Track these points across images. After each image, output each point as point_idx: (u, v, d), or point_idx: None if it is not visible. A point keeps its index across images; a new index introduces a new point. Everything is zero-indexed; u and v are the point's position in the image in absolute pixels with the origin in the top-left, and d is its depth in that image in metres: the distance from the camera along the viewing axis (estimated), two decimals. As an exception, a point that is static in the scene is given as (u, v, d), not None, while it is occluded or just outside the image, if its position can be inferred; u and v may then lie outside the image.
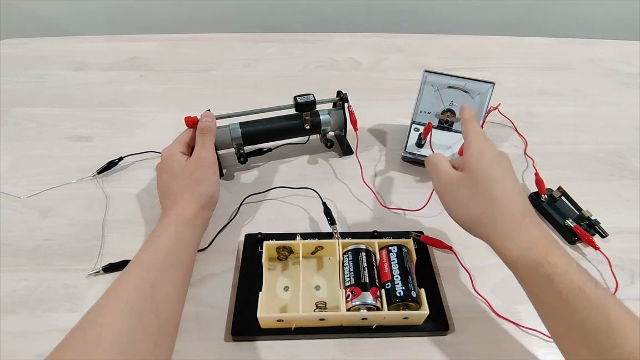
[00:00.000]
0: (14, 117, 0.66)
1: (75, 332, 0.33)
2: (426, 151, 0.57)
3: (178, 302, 0.39)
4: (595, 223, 0.50)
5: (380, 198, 0.55)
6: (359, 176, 0.57)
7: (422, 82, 0.59)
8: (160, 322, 0.35)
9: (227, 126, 0.55)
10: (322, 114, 0.57)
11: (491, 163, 0.39)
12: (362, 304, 0.39)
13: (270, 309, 0.42)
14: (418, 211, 0.53)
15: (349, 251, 0.44)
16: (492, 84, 0.57)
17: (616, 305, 0.31)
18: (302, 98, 0.54)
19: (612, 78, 0.80)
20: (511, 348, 0.41)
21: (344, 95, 0.57)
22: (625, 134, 0.67)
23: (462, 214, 0.39)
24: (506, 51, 0.86)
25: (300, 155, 0.61)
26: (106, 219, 0.51)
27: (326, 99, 0.57)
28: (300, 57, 0.81)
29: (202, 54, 0.82)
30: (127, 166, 0.58)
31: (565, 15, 1.02)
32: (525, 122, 0.67)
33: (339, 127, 0.59)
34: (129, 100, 0.70)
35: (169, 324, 0.37)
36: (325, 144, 0.60)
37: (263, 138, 0.57)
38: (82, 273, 0.45)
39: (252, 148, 0.58)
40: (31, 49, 0.82)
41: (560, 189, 0.53)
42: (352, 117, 0.57)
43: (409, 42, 0.87)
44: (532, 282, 0.34)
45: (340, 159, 0.61)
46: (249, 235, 0.49)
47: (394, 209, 0.54)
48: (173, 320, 0.38)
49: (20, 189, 0.54)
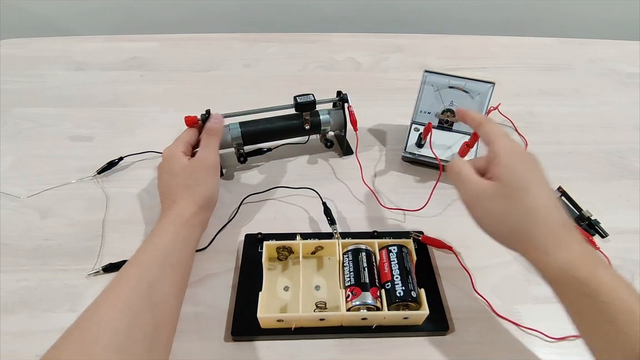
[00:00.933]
0: (14, 117, 0.66)
1: (72, 330, 0.33)
2: (426, 151, 0.57)
3: (176, 302, 0.39)
4: (595, 223, 0.51)
5: (380, 198, 0.55)
6: (359, 176, 0.57)
7: (422, 82, 0.59)
8: (157, 322, 0.35)
9: (227, 126, 0.55)
10: (322, 114, 0.57)
11: (525, 172, 0.36)
12: (362, 304, 0.40)
13: (270, 309, 0.42)
14: (418, 211, 0.53)
15: (349, 251, 0.44)
16: (492, 84, 0.57)
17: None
18: (302, 98, 0.54)
19: (612, 78, 0.80)
20: (511, 348, 0.41)
21: (344, 95, 0.57)
22: (625, 134, 0.67)
23: (496, 228, 0.37)
24: (506, 51, 0.86)
25: (300, 155, 0.61)
26: (106, 219, 0.51)
27: (326, 99, 0.57)
28: (300, 57, 0.81)
29: (202, 54, 0.82)
30: (127, 166, 0.58)
31: (565, 15, 1.02)
32: (525, 122, 0.67)
33: (339, 127, 0.59)
34: (129, 100, 0.70)
35: (166, 324, 0.37)
36: (325, 144, 0.60)
37: (263, 138, 0.57)
38: (82, 273, 0.45)
39: (252, 148, 0.58)
40: (31, 49, 0.82)
41: (560, 189, 0.53)
42: (352, 117, 0.57)
43: (409, 42, 0.87)
44: (575, 301, 0.33)
45: (340, 159, 0.61)
46: (249, 235, 0.49)
47: (394, 209, 0.54)
48: (170, 321, 0.38)
49: (20, 189, 0.54)
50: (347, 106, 0.57)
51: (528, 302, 0.44)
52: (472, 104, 0.58)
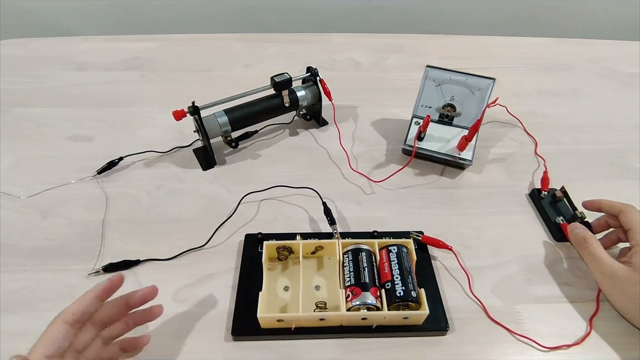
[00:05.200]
0: (14, 117, 0.66)
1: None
2: (426, 144, 0.57)
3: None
4: (588, 224, 0.50)
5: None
6: (360, 176, 0.57)
7: (424, 77, 0.60)
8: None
9: (213, 114, 0.56)
10: (298, 91, 0.61)
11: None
12: (362, 304, 0.39)
13: (270, 309, 0.42)
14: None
15: (349, 251, 0.44)
16: (493, 80, 0.57)
17: None
18: (279, 77, 0.58)
19: (612, 78, 0.80)
20: (511, 348, 0.41)
21: (315, 70, 0.61)
22: (625, 134, 0.67)
23: (632, 309, 0.41)
24: (506, 51, 0.86)
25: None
26: (106, 219, 0.51)
27: (299, 76, 0.61)
28: (300, 57, 0.81)
29: (202, 54, 0.82)
30: (127, 166, 0.58)
31: (565, 15, 1.02)
32: (525, 122, 0.67)
33: (315, 100, 0.63)
34: (129, 100, 0.70)
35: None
36: (305, 118, 0.67)
37: (249, 120, 0.60)
38: (82, 273, 0.45)
39: (239, 133, 0.61)
40: (31, 49, 0.82)
41: (562, 189, 0.53)
42: (325, 89, 0.62)
43: (409, 42, 0.87)
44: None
45: (337, 148, 0.62)
46: (249, 235, 0.49)
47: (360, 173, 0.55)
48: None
49: (20, 189, 0.54)
50: (319, 79, 0.61)
51: (528, 302, 0.44)
52: (472, 100, 0.58)
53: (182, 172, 0.58)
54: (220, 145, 0.61)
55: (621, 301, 0.42)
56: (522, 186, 0.57)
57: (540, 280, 0.46)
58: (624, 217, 0.45)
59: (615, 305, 0.43)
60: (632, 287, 0.40)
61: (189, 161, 0.59)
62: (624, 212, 0.45)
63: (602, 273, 0.42)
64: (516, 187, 0.57)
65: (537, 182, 0.57)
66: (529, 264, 0.48)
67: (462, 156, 0.56)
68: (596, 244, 0.44)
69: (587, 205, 0.49)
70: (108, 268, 0.46)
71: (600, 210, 0.48)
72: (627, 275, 0.40)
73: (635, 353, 0.40)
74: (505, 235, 0.51)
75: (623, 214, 0.45)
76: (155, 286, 0.38)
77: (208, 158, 0.59)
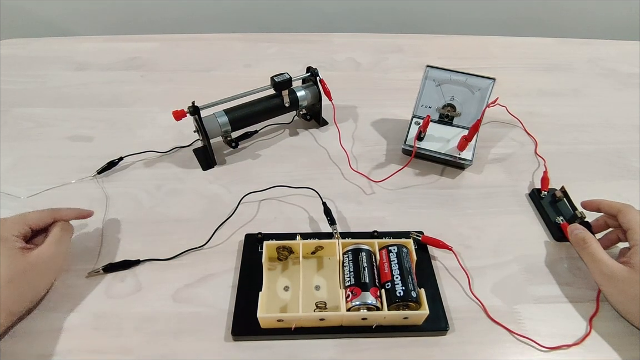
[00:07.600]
0: (14, 117, 0.66)
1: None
2: (426, 144, 0.57)
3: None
4: (588, 224, 0.50)
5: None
6: (360, 176, 0.57)
7: (424, 77, 0.60)
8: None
9: (213, 114, 0.56)
10: (298, 91, 0.61)
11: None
12: (362, 304, 0.39)
13: (270, 309, 0.42)
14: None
15: (349, 251, 0.44)
16: (493, 80, 0.57)
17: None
18: (279, 77, 0.58)
19: (612, 78, 0.80)
20: (511, 348, 0.41)
21: (315, 70, 0.61)
22: (625, 134, 0.67)
23: (632, 309, 0.41)
24: (506, 51, 0.86)
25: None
26: (106, 219, 0.51)
27: (299, 76, 0.61)
28: (300, 57, 0.81)
29: (202, 54, 0.82)
30: (127, 166, 0.58)
31: (565, 15, 1.03)
32: (525, 122, 0.67)
33: (315, 100, 0.63)
34: (129, 100, 0.70)
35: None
36: (305, 118, 0.66)
37: (249, 120, 0.60)
38: (82, 273, 0.45)
39: (238, 133, 0.61)
40: (31, 49, 0.82)
41: (562, 189, 0.53)
42: (325, 88, 0.61)
43: (409, 42, 0.87)
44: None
45: (337, 148, 0.62)
46: (249, 235, 0.49)
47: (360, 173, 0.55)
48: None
49: (21, 189, 0.54)
50: (319, 79, 0.61)
51: (528, 302, 0.44)
52: (472, 100, 0.58)
53: (182, 172, 0.58)
54: (220, 145, 0.61)
55: (621, 301, 0.42)
56: (522, 186, 0.57)
57: (540, 280, 0.46)
58: (623, 217, 0.45)
59: (615, 305, 0.43)
60: (631, 288, 0.40)
61: (189, 161, 0.59)
62: (623, 212, 0.45)
63: (601, 273, 0.42)
64: (516, 187, 0.57)
65: (537, 182, 0.57)
66: (529, 264, 0.48)
67: (462, 156, 0.56)
68: (595, 245, 0.44)
69: (586, 206, 0.49)
70: (108, 268, 0.45)
71: (600, 210, 0.48)
72: (627, 276, 0.40)
73: (635, 353, 0.40)
74: (505, 235, 0.51)
75: (622, 214, 0.45)
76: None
77: (208, 158, 0.59)
